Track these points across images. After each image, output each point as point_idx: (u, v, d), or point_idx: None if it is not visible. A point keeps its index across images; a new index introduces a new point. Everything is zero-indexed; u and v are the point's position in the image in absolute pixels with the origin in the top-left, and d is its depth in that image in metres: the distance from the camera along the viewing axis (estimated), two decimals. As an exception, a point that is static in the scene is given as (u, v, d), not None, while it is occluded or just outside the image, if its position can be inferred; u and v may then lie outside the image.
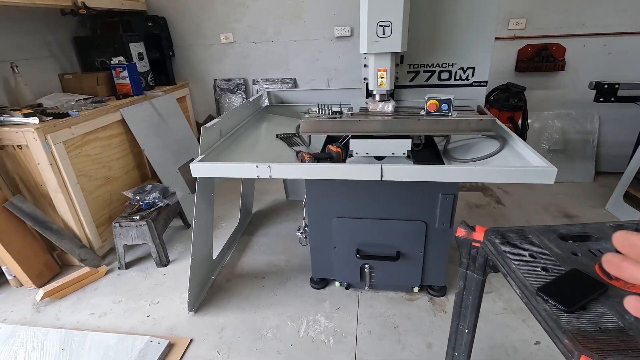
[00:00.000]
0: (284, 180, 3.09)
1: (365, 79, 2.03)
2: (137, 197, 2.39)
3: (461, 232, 1.13)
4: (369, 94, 1.96)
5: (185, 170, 3.14)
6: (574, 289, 0.83)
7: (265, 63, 3.40)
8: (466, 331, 1.25)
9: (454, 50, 1.85)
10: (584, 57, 2.98)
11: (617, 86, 2.65)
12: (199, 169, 1.55)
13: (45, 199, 2.22)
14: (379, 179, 1.47)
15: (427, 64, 1.96)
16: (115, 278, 2.27)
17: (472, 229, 1.11)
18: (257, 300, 2.02)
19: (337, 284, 2.09)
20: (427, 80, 2.00)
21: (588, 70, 2.99)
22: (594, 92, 2.73)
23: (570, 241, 1.02)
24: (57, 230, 2.20)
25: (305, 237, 2.01)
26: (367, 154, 1.72)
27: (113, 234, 2.27)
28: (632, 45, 2.89)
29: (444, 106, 1.66)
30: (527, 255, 0.97)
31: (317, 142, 2.05)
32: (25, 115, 2.06)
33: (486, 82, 1.95)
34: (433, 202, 1.73)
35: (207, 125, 1.69)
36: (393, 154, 1.69)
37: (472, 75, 1.95)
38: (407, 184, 1.71)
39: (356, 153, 1.73)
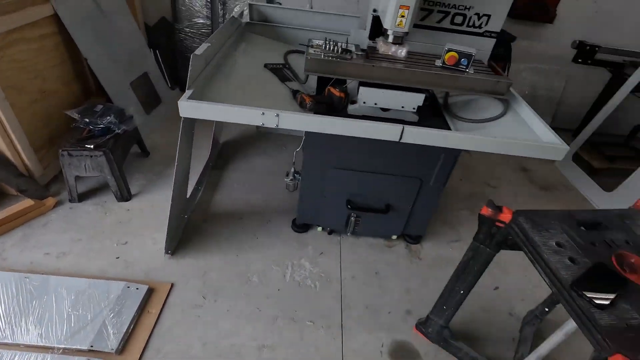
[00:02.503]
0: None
1: (374, 10, 1.75)
2: (87, 120, 2.00)
3: (487, 211, 1.14)
4: (378, 32, 1.71)
5: (138, 85, 2.67)
6: (602, 284, 0.89)
7: (236, -40, 2.79)
8: (461, 292, 1.35)
9: (475, -9, 1.66)
10: (574, 10, 2.93)
11: (597, 49, 2.71)
12: (190, 109, 1.30)
13: (-39, 115, 1.75)
14: (398, 140, 1.38)
15: (444, 3, 1.75)
16: (68, 212, 1.99)
17: (499, 209, 1.12)
18: (239, 242, 1.95)
19: (319, 228, 2.09)
20: (439, 21, 1.81)
21: (574, 26, 2.98)
22: (574, 51, 2.78)
23: (583, 228, 1.08)
24: (-17, 155, 1.80)
25: (295, 184, 1.90)
26: (375, 104, 1.59)
27: (61, 163, 1.92)
28: (618, 5, 2.89)
29: (464, 61, 1.54)
30: (554, 243, 1.01)
31: (311, 79, 1.83)
32: None
33: (497, 33, 1.82)
34: (433, 160, 1.71)
35: (198, 52, 1.37)
36: (403, 107, 1.58)
37: (486, 23, 1.80)
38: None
39: (364, 102, 1.58)
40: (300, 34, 2.20)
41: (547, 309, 1.58)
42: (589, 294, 0.86)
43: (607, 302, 0.84)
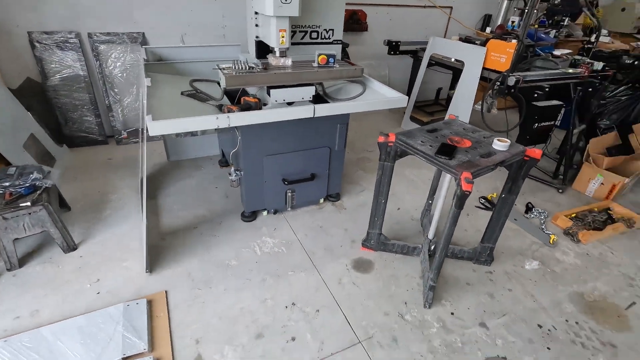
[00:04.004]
0: (165, 142, 3.04)
1: (257, 37, 2.35)
2: (6, 184, 1.96)
3: (381, 139, 1.85)
4: (263, 52, 2.32)
5: (29, 146, 2.58)
6: (447, 150, 1.68)
7: (102, 13, 2.97)
8: (383, 201, 2.05)
9: (319, 15, 2.40)
10: (377, 21, 4.17)
11: (399, 43, 3.94)
12: (159, 128, 1.62)
13: None
14: (312, 115, 1.99)
15: (302, 25, 2.45)
16: (13, 280, 1.91)
17: (388, 135, 1.84)
18: (203, 244, 2.23)
19: (264, 213, 2.53)
20: (302, 38, 2.52)
21: (381, 31, 4.22)
22: (387, 47, 3.96)
23: (429, 132, 1.91)
24: None
25: (238, 180, 2.31)
26: (283, 100, 2.17)
27: (-6, 231, 1.85)
28: (402, 15, 4.25)
29: (331, 59, 2.26)
30: (420, 141, 1.78)
31: (218, 95, 2.26)
32: None
33: (341, 40, 2.64)
34: (333, 131, 2.39)
35: (149, 84, 1.68)
36: (303, 98, 2.21)
37: (333, 35, 2.60)
38: (316, 121, 2.26)
39: (275, 100, 2.15)
40: (189, 67, 2.60)
41: (430, 202, 2.44)
42: (443, 156, 1.63)
43: (450, 157, 1.63)
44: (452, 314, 1.88)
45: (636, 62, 3.46)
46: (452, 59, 3.54)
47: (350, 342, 1.70)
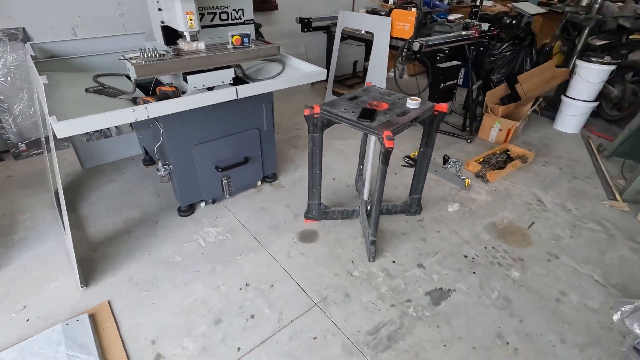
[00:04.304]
0: (75, 149, 2.75)
1: (162, 22, 2.23)
2: None
3: (307, 112, 1.92)
4: (172, 38, 2.22)
5: None
6: (368, 114, 1.82)
7: (-37, 9, 2.52)
8: (318, 171, 2.14)
9: (228, -6, 2.35)
10: (286, -1, 4.15)
11: (311, 20, 4.00)
12: (67, 128, 1.48)
13: None
14: (236, 97, 1.97)
15: (210, 7, 2.38)
16: None
17: (313, 108, 1.92)
18: (142, 246, 2.13)
19: (202, 204, 2.48)
20: (212, 20, 2.44)
21: (291, 8, 4.22)
22: (300, 25, 3.99)
23: (350, 100, 2.02)
24: None
25: (168, 174, 2.21)
26: (203, 85, 2.11)
27: None
28: (308, -10, 4.29)
29: (246, 40, 2.24)
30: (343, 109, 1.89)
31: (129, 89, 2.12)
32: None
33: (253, 20, 2.62)
34: (260, 112, 2.39)
35: (45, 82, 1.51)
36: (223, 82, 2.17)
37: (243, 15, 2.56)
38: (240, 103, 2.24)
39: (194, 87, 2.08)
40: (88, 61, 2.37)
41: (361, 167, 2.60)
42: (365, 120, 1.76)
43: (372, 120, 1.76)
44: (394, 262, 2.07)
45: (514, 22, 3.98)
46: (362, 31, 3.71)
47: (308, 307, 1.79)
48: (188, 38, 2.11)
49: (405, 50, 3.06)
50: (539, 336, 1.69)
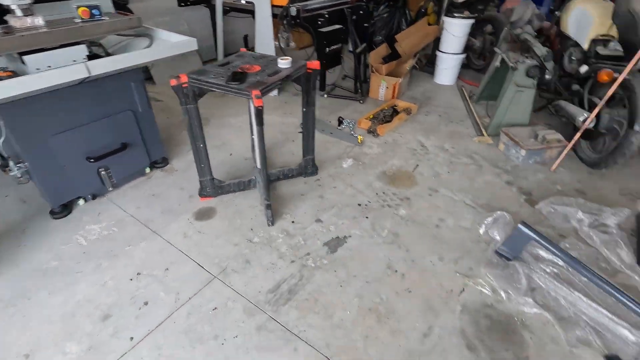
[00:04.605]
0: None
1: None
2: None
3: (174, 82, 1.81)
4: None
5: None
6: (238, 77, 1.77)
7: None
8: (202, 145, 2.06)
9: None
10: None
11: (187, -7, 3.73)
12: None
13: None
14: (88, 75, 1.76)
15: (45, -24, 2.06)
16: None
17: (179, 77, 1.81)
18: (7, 260, 1.85)
19: (80, 202, 2.22)
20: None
21: (162, -18, 3.88)
22: (176, -1, 3.71)
23: (220, 67, 1.96)
24: None
25: (26, 173, 1.92)
26: (48, 67, 1.84)
27: None
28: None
29: (96, 11, 2.00)
30: (212, 75, 1.81)
31: None
32: None
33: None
34: (129, 91, 2.19)
35: None
36: (75, 61, 1.92)
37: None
38: (102, 83, 2.02)
39: (37, 69, 1.81)
40: None
41: (252, 137, 2.56)
42: (234, 82, 1.71)
43: (242, 82, 1.73)
44: (293, 222, 2.12)
45: (386, -16, 4.19)
46: (243, 1, 3.58)
47: (207, 280, 1.75)
48: (19, 13, 1.81)
49: (285, 16, 3.04)
50: (422, 259, 1.89)
